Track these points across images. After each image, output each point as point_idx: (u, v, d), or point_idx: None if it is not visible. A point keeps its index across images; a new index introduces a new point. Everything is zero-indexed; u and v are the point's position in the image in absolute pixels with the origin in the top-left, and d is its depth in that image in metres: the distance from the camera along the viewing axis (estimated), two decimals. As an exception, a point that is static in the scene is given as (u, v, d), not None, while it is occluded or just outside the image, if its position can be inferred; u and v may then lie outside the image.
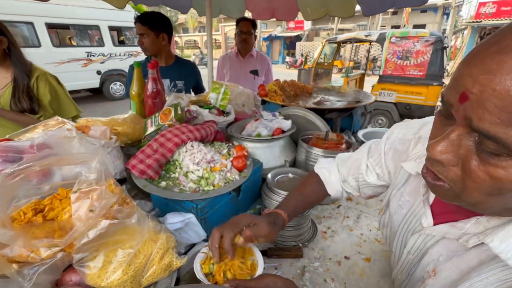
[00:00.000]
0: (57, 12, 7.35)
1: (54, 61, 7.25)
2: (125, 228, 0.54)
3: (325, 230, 1.08)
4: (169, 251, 0.56)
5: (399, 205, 0.60)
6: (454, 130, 0.34)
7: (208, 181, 0.91)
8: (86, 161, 0.56)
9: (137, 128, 1.16)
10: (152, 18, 1.85)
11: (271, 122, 1.25)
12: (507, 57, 0.28)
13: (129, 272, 0.49)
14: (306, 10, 3.02)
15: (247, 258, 0.64)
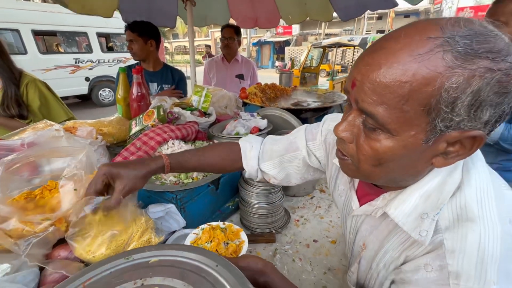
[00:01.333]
0: (44, 19, 7.32)
1: (41, 68, 7.18)
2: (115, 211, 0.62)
3: (298, 218, 1.18)
4: (148, 230, 0.65)
5: (338, 194, 0.68)
6: (351, 113, 0.42)
7: (188, 174, 1.00)
8: (74, 154, 0.64)
9: (122, 129, 1.24)
10: (141, 26, 1.96)
11: (248, 122, 1.36)
12: (377, 54, 0.36)
13: (111, 247, 0.57)
14: (288, 17, 3.17)
15: (233, 239, 0.68)
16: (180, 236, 0.90)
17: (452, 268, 0.38)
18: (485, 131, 0.36)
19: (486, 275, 0.36)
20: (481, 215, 0.39)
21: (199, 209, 1.01)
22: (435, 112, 0.34)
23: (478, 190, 0.41)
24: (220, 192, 1.12)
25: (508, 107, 0.34)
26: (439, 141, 0.37)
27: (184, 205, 0.93)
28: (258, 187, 1.04)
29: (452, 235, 0.40)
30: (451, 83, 0.32)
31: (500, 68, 0.32)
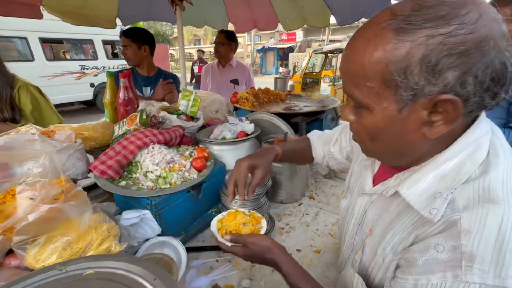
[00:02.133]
0: (51, 27, 7.49)
1: (47, 74, 7.35)
2: (67, 219, 0.60)
3: (283, 226, 1.13)
4: (110, 238, 0.62)
5: (355, 177, 0.68)
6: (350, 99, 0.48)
7: (166, 180, 0.97)
8: (35, 157, 0.62)
9: (106, 133, 1.22)
10: (135, 32, 1.99)
11: (235, 126, 1.33)
12: (351, 47, 0.43)
13: (64, 256, 0.54)
14: (285, 21, 3.17)
15: (254, 224, 0.72)
16: (154, 244, 0.87)
17: (467, 249, 0.36)
18: (470, 92, 0.36)
19: (504, 261, 0.33)
20: (506, 198, 0.37)
21: (177, 216, 0.98)
22: (393, 84, 0.38)
23: (506, 174, 0.39)
24: (202, 198, 1.09)
25: (483, 64, 0.35)
26: (416, 110, 0.39)
27: (159, 212, 0.90)
28: (239, 193, 1.00)
29: (470, 215, 0.38)
30: (395, 57, 0.37)
31: (442, 33, 0.34)
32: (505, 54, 0.36)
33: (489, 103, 0.38)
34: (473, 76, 0.35)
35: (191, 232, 1.04)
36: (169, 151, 1.06)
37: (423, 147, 0.44)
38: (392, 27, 0.37)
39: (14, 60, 7.04)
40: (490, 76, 0.35)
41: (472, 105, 0.38)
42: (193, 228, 1.06)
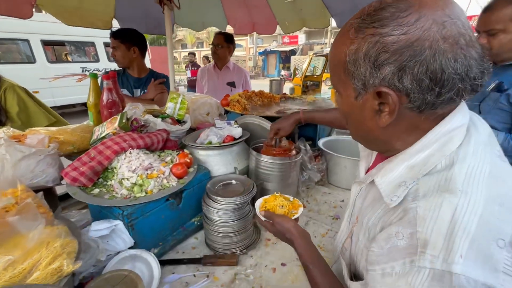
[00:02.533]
0: (53, 30, 7.54)
1: (49, 76, 7.36)
2: (16, 234, 0.54)
3: (270, 237, 1.06)
4: (62, 256, 0.55)
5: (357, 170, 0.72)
6: None
7: (142, 187, 0.91)
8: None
9: (86, 137, 1.17)
10: (124, 33, 1.94)
11: (221, 130, 1.27)
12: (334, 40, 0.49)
13: (5, 278, 0.48)
14: (284, 24, 3.12)
15: (291, 209, 0.79)
16: (125, 258, 0.80)
17: (421, 235, 0.37)
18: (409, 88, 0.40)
19: (453, 247, 0.35)
20: (465, 189, 0.38)
21: (154, 227, 0.92)
22: (350, 73, 0.45)
23: (471, 167, 0.40)
24: (184, 206, 1.03)
25: (418, 64, 0.38)
26: (368, 99, 0.45)
27: (132, 222, 0.84)
28: (221, 203, 0.94)
29: (426, 203, 0.40)
30: (350, 50, 0.43)
31: (380, 32, 0.40)
32: (447, 56, 0.38)
33: (438, 102, 0.41)
34: (410, 73, 0.39)
35: (170, 243, 0.98)
36: (148, 157, 1.00)
37: (383, 135, 0.48)
38: (354, 25, 0.43)
39: (16, 62, 7.10)
40: (426, 75, 0.39)
41: (417, 101, 0.41)
42: (173, 238, 1.00)
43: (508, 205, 0.38)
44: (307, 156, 1.37)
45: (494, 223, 0.36)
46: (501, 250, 0.34)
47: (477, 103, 1.29)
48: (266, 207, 0.79)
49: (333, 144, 1.61)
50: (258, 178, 1.21)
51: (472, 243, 0.34)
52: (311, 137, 1.78)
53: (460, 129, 0.43)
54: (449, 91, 0.40)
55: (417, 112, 0.43)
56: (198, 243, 1.03)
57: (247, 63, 24.92)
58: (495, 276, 0.34)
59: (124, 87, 2.13)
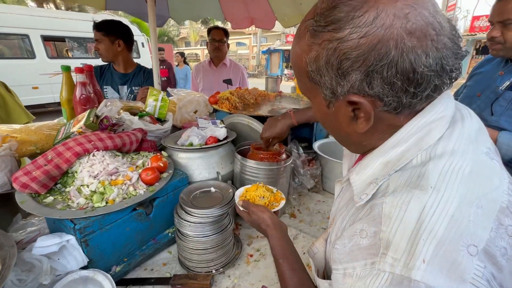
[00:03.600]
0: (54, 25, 7.51)
1: (48, 72, 7.31)
2: None
3: (253, 252, 0.94)
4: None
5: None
6: None
7: (104, 196, 0.79)
8: None
9: (52, 136, 1.06)
10: (108, 25, 1.82)
11: (204, 131, 1.15)
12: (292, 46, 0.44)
13: None
14: (284, 19, 2.99)
15: (271, 201, 0.77)
16: (74, 281, 0.69)
17: (385, 235, 0.34)
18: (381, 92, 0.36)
19: (415, 250, 0.31)
20: (437, 187, 0.34)
21: (116, 241, 0.80)
22: (314, 81, 0.41)
23: (448, 164, 0.36)
24: (156, 217, 0.91)
25: (382, 69, 0.34)
26: (341, 107, 0.40)
27: (86, 238, 0.72)
28: (195, 215, 0.82)
29: (393, 200, 0.36)
30: (309, 57, 0.39)
31: (337, 38, 0.35)
32: (416, 53, 0.33)
33: (415, 102, 0.37)
34: (379, 77, 0.35)
35: (137, 259, 0.86)
36: (114, 160, 0.89)
37: (363, 139, 0.44)
38: (309, 28, 0.38)
39: (15, 57, 7.05)
40: (397, 77, 0.34)
41: (392, 103, 0.37)
42: (141, 253, 0.88)
43: (488, 208, 0.33)
44: (299, 160, 1.25)
45: (466, 227, 0.31)
46: (472, 258, 0.30)
47: (488, 103, 1.15)
48: (246, 197, 0.78)
49: (331, 147, 1.47)
50: (242, 185, 1.08)
51: (438, 248, 0.31)
52: (307, 139, 1.65)
53: (440, 121, 0.39)
54: (425, 90, 0.36)
55: (394, 113, 0.39)
56: (171, 258, 0.92)
57: (250, 61, 24.75)
58: (461, 287, 0.29)
59: (109, 84, 2.02)
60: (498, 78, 1.14)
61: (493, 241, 0.31)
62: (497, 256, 0.31)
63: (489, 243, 0.31)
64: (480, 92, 1.20)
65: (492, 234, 0.31)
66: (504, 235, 0.32)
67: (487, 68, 1.25)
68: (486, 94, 1.17)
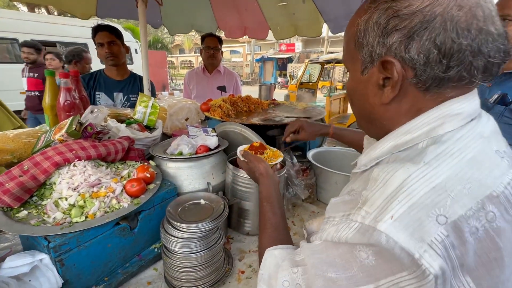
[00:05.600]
0: (45, 30, 7.41)
1: (37, 77, 7.14)
2: None
3: (244, 268, 0.89)
4: None
5: None
6: None
7: (84, 209, 0.73)
8: None
9: (32, 144, 0.99)
10: (115, 29, 1.81)
11: (194, 139, 1.10)
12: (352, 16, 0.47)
13: None
14: (276, 29, 3.01)
15: (270, 156, 0.89)
16: (46, 305, 0.62)
17: (366, 193, 0.38)
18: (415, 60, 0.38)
19: (388, 208, 0.34)
20: (430, 163, 0.36)
21: (96, 259, 0.74)
22: (359, 45, 0.44)
23: (450, 148, 0.37)
24: (141, 231, 0.85)
25: (428, 32, 0.36)
26: (373, 73, 0.44)
27: (61, 257, 0.65)
28: (183, 230, 0.76)
29: (384, 167, 0.39)
30: (362, 19, 0.43)
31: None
32: (459, 25, 0.35)
33: (446, 78, 0.38)
34: (418, 41, 0.37)
35: (119, 277, 0.80)
36: (97, 171, 0.83)
37: (385, 113, 0.45)
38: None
39: (3, 62, 6.88)
40: (435, 44, 0.36)
41: (423, 75, 0.38)
42: (124, 271, 0.82)
43: (475, 190, 0.34)
44: (293, 170, 1.21)
45: (444, 199, 0.33)
46: (438, 225, 0.32)
47: None
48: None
49: (324, 156, 1.45)
50: (234, 196, 1.04)
51: (410, 209, 0.33)
52: (300, 147, 1.62)
53: (455, 117, 0.39)
54: (459, 65, 0.36)
55: (422, 90, 0.40)
56: (157, 276, 0.85)
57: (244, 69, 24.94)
58: (418, 245, 0.31)
59: (102, 90, 1.97)
60: (487, 90, 1.15)
61: (466, 218, 0.32)
62: (465, 232, 0.32)
63: (462, 219, 0.32)
64: None
65: (469, 213, 0.33)
66: (483, 218, 0.33)
67: None
68: None
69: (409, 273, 0.31)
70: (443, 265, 0.31)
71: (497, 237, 0.33)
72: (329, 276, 0.38)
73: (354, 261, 0.35)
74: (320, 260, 0.40)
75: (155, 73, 10.96)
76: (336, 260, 0.38)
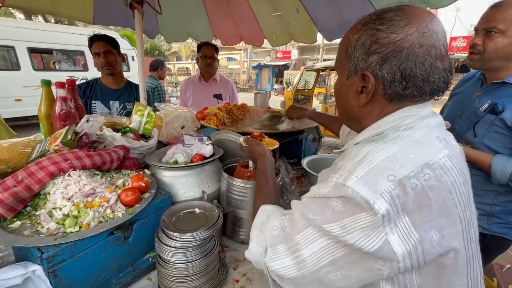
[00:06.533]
0: (41, 38, 7.42)
1: (33, 84, 7.12)
2: None
3: (239, 277, 0.89)
4: None
5: None
6: None
7: (78, 219, 0.74)
8: None
9: (27, 154, 1.00)
10: (112, 39, 1.83)
11: (189, 148, 1.11)
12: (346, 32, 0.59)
13: None
14: (272, 37, 3.06)
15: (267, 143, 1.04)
16: (38, 317, 0.62)
17: (341, 163, 0.52)
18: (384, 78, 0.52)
19: (354, 170, 0.47)
20: (387, 141, 0.50)
21: (89, 270, 0.73)
22: (348, 57, 0.56)
23: (403, 133, 0.52)
24: (135, 241, 0.85)
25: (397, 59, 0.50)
26: (355, 81, 0.56)
27: (55, 268, 0.65)
28: (177, 239, 0.77)
29: (356, 146, 0.54)
30: (354, 37, 0.54)
31: (377, 28, 0.51)
32: (417, 59, 0.49)
33: (404, 95, 0.52)
34: (388, 64, 0.50)
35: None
36: (91, 180, 0.83)
37: (360, 113, 0.59)
38: (363, 20, 0.54)
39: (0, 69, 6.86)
40: (399, 69, 0.50)
41: (388, 90, 0.52)
42: (117, 282, 0.81)
43: (416, 159, 0.47)
44: (288, 177, 1.22)
45: (393, 163, 0.46)
46: (388, 182, 0.44)
47: (470, 125, 1.16)
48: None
49: (319, 164, 1.47)
50: (229, 204, 1.05)
51: (369, 171, 0.46)
52: (295, 154, 1.64)
53: (413, 117, 0.53)
54: (413, 87, 0.51)
55: (387, 100, 0.54)
56: (151, 286, 0.85)
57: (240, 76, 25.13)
58: (372, 194, 0.44)
59: (98, 98, 1.98)
60: (476, 99, 1.17)
61: (409, 178, 0.45)
62: (407, 186, 0.44)
63: (405, 178, 0.45)
64: (460, 112, 1.22)
65: (411, 174, 0.45)
66: (421, 178, 0.45)
67: (464, 89, 1.29)
68: (466, 115, 1.19)
69: (366, 214, 0.44)
70: (388, 208, 0.43)
71: (429, 191, 0.45)
72: (309, 217, 0.50)
73: (328, 207, 0.48)
74: (303, 207, 0.53)
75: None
76: (315, 208, 0.50)
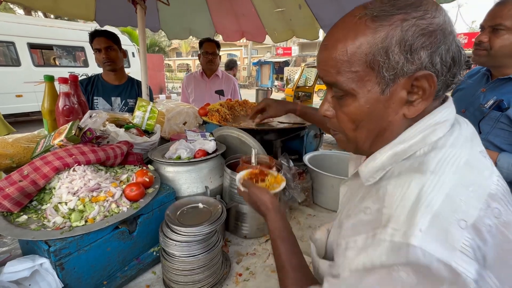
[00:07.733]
0: (41, 33, 7.38)
1: (34, 80, 7.11)
2: None
3: (242, 271, 0.90)
4: None
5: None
6: (328, 92, 0.49)
7: (83, 214, 0.75)
8: None
9: (31, 149, 1.00)
10: (113, 34, 1.83)
11: (192, 143, 1.12)
12: (325, 40, 0.46)
13: None
14: (274, 34, 3.05)
15: (272, 183, 0.81)
16: (46, 309, 0.63)
17: (386, 210, 0.38)
18: (439, 71, 0.41)
19: (413, 221, 0.35)
20: (435, 171, 0.38)
21: (95, 263, 0.75)
22: (376, 65, 0.41)
23: (447, 154, 0.40)
24: (140, 235, 0.86)
25: (445, 46, 0.40)
26: (396, 90, 0.42)
27: (62, 261, 0.66)
28: (181, 233, 0.78)
29: (396, 181, 0.41)
30: (376, 39, 0.40)
31: (414, 16, 0.39)
32: (456, 40, 0.41)
33: (451, 83, 0.43)
34: (439, 55, 0.40)
35: (118, 281, 0.81)
36: (96, 175, 0.84)
37: (401, 128, 0.45)
38: (368, 16, 0.41)
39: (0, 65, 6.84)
40: (451, 56, 0.41)
41: (440, 83, 0.42)
42: (122, 275, 0.83)
43: (478, 192, 0.37)
44: (290, 173, 1.23)
45: (459, 204, 0.35)
46: (462, 230, 0.34)
47: (475, 121, 1.16)
48: (249, 178, 0.81)
49: (320, 160, 1.47)
50: (232, 200, 1.06)
51: (433, 219, 0.34)
52: (297, 151, 1.65)
53: (443, 124, 0.44)
54: (458, 73, 0.42)
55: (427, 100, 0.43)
56: (155, 279, 0.86)
57: (241, 73, 25.04)
58: (452, 253, 0.32)
59: (100, 94, 1.98)
60: (481, 95, 1.17)
61: (481, 219, 0.35)
62: (483, 231, 0.34)
63: (478, 220, 0.34)
64: (464, 108, 1.22)
65: (481, 213, 0.35)
66: (491, 215, 0.36)
67: (468, 84, 1.28)
68: (471, 111, 1.19)
69: (449, 284, 0.31)
70: (477, 268, 0.31)
71: (507, 231, 0.35)
72: None
73: (396, 282, 0.34)
74: None
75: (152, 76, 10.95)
76: (373, 285, 0.36)
